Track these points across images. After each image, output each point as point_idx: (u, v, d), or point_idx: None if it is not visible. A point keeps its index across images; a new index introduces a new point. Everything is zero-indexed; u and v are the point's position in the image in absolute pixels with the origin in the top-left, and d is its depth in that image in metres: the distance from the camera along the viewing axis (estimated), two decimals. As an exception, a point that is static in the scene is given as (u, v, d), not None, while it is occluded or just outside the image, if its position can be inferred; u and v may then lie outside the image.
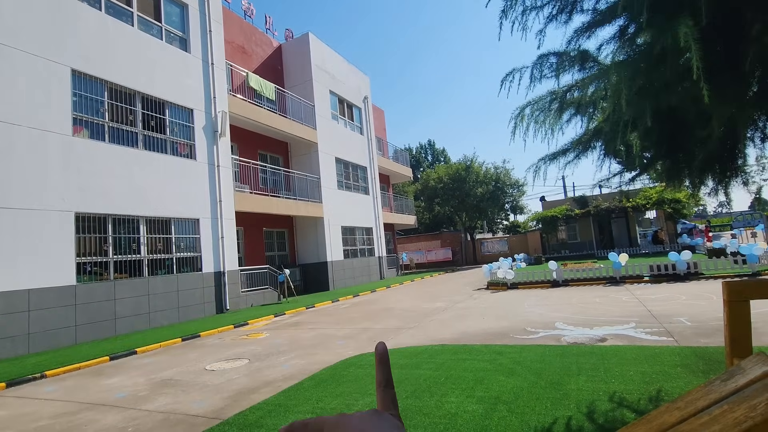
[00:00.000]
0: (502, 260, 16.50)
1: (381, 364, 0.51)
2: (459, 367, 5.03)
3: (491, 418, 3.44)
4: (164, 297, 11.11)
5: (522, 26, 3.13)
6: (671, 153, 3.57)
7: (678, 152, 3.55)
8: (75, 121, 9.73)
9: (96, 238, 9.87)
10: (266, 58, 18.70)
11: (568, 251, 28.60)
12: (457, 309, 10.14)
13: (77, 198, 9.46)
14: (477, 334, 6.96)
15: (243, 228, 15.67)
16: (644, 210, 26.54)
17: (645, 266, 12.69)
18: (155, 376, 6.05)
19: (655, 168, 3.86)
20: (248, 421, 3.90)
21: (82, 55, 9.94)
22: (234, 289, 13.28)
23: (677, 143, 3.33)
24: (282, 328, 9.61)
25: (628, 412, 3.32)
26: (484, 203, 31.37)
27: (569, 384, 4.07)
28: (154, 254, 11.12)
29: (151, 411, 4.53)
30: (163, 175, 11.48)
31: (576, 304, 9.34)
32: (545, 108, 3.58)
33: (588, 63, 3.27)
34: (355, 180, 21.85)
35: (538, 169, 3.71)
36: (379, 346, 0.51)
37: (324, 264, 18.14)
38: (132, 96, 11.10)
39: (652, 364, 4.48)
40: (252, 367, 6.11)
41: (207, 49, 13.52)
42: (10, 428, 4.39)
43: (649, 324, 6.59)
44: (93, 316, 9.47)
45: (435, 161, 50.04)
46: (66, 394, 5.53)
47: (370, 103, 24.26)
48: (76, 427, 4.23)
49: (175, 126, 12.23)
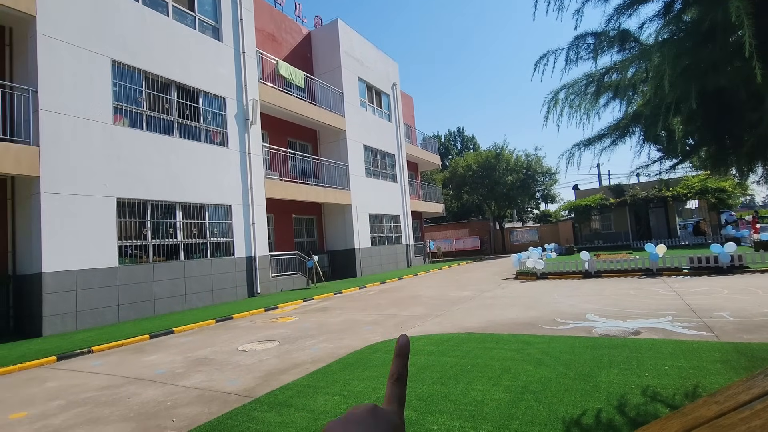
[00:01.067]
0: (532, 250, 16.17)
1: (399, 356, 0.50)
2: (485, 355, 5.00)
3: (518, 407, 3.42)
4: (199, 280, 11.56)
5: (558, 5, 3.00)
6: (717, 138, 3.37)
7: (725, 137, 3.35)
8: (115, 110, 10.14)
9: (136, 222, 10.33)
10: (296, 46, 18.80)
11: (601, 242, 27.69)
12: (485, 298, 10.06)
13: (118, 184, 9.91)
14: (504, 324, 6.89)
15: (273, 214, 16.01)
16: (685, 199, 25.27)
17: (684, 258, 12.14)
18: (191, 355, 6.34)
19: (699, 155, 3.66)
20: (278, 400, 4.04)
21: (121, 46, 10.29)
22: (264, 273, 13.65)
23: (724, 127, 3.13)
24: (310, 312, 9.82)
25: (662, 406, 3.22)
26: (514, 191, 30.72)
27: (600, 376, 3.98)
28: (189, 239, 11.56)
29: (187, 387, 4.76)
30: (197, 162, 11.84)
31: (609, 295, 9.07)
32: (581, 92, 3.45)
33: (628, 43, 3.11)
34: (383, 167, 21.83)
35: (572, 156, 3.59)
36: (402, 339, 0.50)
37: (352, 251, 18.34)
38: (168, 85, 11.44)
39: (689, 359, 4.32)
40: (282, 349, 6.30)
41: (238, 37, 13.72)
42: (61, 398, 4.72)
43: (687, 318, 6.33)
44: (134, 296, 9.98)
45: (464, 149, 49.27)
46: (110, 369, 5.88)
47: (398, 90, 24.04)
48: (120, 400, 4.50)
49: (209, 114, 12.55)
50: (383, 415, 0.45)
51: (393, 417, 0.46)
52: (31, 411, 4.35)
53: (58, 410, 4.31)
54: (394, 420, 0.45)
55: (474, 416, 3.30)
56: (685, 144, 3.70)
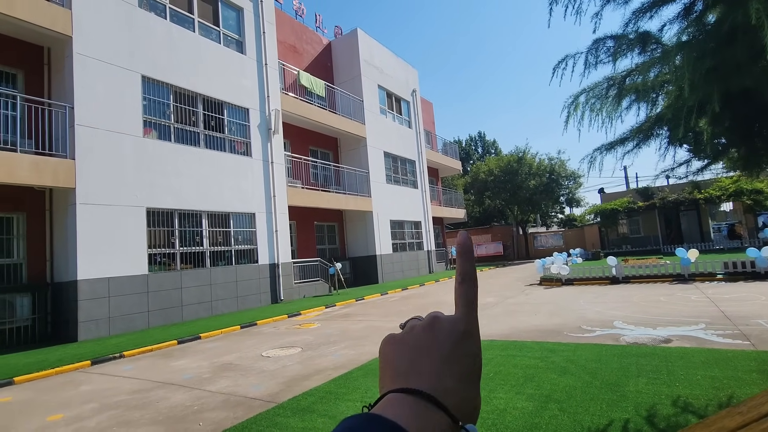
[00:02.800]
0: (556, 255, 15.83)
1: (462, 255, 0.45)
2: (508, 363, 4.94)
3: (541, 416, 3.36)
4: (224, 287, 11.82)
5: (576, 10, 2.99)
6: (747, 139, 3.26)
7: (755, 138, 3.24)
8: (145, 123, 10.55)
9: (164, 231, 10.68)
10: (316, 56, 19.14)
11: (629, 246, 26.87)
12: (508, 304, 9.91)
13: (148, 194, 10.28)
14: (528, 331, 6.78)
15: (295, 222, 16.25)
16: (719, 202, 24.28)
17: (718, 263, 11.65)
18: (217, 360, 6.48)
19: (729, 156, 3.55)
20: (301, 405, 4.09)
21: (150, 62, 10.73)
22: (287, 280, 13.84)
23: (753, 128, 3.03)
24: (333, 319, 9.90)
25: (694, 417, 3.10)
26: (538, 196, 30.21)
27: (627, 385, 3.87)
28: (215, 246, 11.86)
29: (213, 392, 4.88)
30: (222, 171, 12.18)
31: (637, 302, 8.79)
32: (602, 95, 3.40)
33: (649, 45, 3.06)
34: (404, 174, 21.86)
35: (593, 160, 3.54)
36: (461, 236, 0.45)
37: (373, 257, 18.39)
38: (194, 98, 11.84)
39: (723, 368, 4.15)
40: (304, 355, 6.37)
41: (261, 50, 14.09)
42: (95, 401, 4.91)
43: (721, 325, 6.08)
44: (162, 302, 10.29)
45: (485, 153, 48.83)
46: (140, 373, 6.08)
47: (418, 96, 24.10)
48: (150, 403, 4.65)
49: (233, 125, 12.90)
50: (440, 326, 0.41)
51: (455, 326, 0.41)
52: (68, 413, 4.54)
53: (92, 413, 4.49)
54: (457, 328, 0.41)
55: (496, 425, 3.27)
56: (715, 145, 3.59)
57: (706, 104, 2.61)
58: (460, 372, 0.39)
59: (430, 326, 0.42)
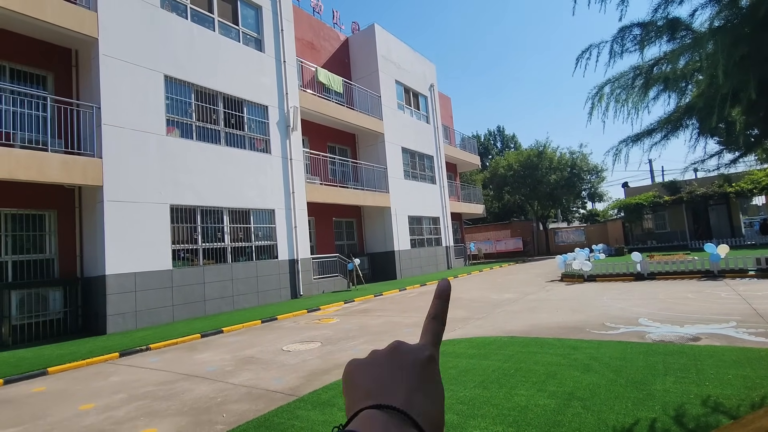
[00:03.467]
0: (578, 251, 15.52)
1: (438, 298, 0.48)
2: (529, 360, 4.87)
3: (564, 413, 3.31)
4: (245, 282, 12.03)
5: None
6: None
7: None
8: (168, 122, 10.78)
9: (187, 227, 10.93)
10: (334, 52, 19.17)
11: (655, 242, 26.13)
12: (528, 301, 9.78)
13: (171, 191, 10.52)
14: (549, 327, 6.67)
15: (314, 218, 16.38)
16: (750, 195, 23.32)
17: (750, 259, 11.21)
18: (239, 354, 6.61)
19: (764, 147, 3.39)
20: (321, 399, 4.13)
21: (172, 62, 10.95)
22: (307, 276, 13.99)
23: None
24: (351, 314, 9.96)
25: (725, 418, 2.99)
26: (558, 191, 29.63)
27: (654, 384, 3.77)
28: (236, 242, 12.07)
29: (236, 384, 4.97)
30: (242, 168, 12.36)
31: (663, 299, 8.55)
32: (628, 85, 3.30)
33: (679, 32, 2.94)
34: (422, 169, 21.76)
35: (619, 152, 3.44)
36: (442, 282, 0.48)
37: (391, 253, 18.40)
38: (214, 96, 12.03)
39: (756, 368, 3.99)
40: (324, 349, 6.43)
41: (279, 47, 14.20)
42: (123, 392, 5.08)
43: (753, 323, 5.85)
44: (186, 297, 10.55)
45: (504, 148, 48.14)
46: (166, 365, 6.25)
47: (436, 91, 23.91)
48: (175, 395, 4.78)
49: (252, 123, 13.06)
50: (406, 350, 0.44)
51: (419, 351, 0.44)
52: (98, 403, 4.71)
53: (121, 403, 4.64)
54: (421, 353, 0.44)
55: (518, 422, 3.23)
56: (747, 136, 3.44)
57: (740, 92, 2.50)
58: (427, 392, 0.41)
59: (395, 351, 0.44)
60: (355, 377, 0.44)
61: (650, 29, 2.86)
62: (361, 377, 0.43)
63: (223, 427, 3.69)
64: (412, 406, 0.39)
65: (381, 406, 0.38)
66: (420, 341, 0.46)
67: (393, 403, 0.39)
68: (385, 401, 0.39)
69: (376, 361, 0.44)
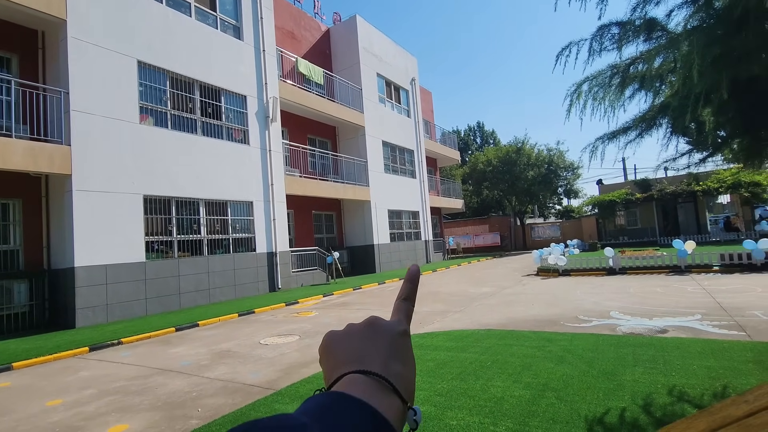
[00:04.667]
0: (554, 246, 15.88)
1: (408, 281, 0.52)
2: (506, 352, 4.96)
3: (539, 404, 3.38)
4: (222, 275, 11.82)
5: (581, -6, 2.93)
6: (751, 129, 3.24)
7: (759, 129, 3.21)
8: (141, 109, 10.42)
9: (161, 219, 10.63)
10: (315, 43, 18.90)
11: (626, 238, 26.98)
12: (505, 295, 9.95)
13: (145, 181, 10.21)
14: (525, 321, 6.81)
15: (293, 210, 16.21)
16: (716, 194, 24.34)
17: (715, 255, 11.72)
18: (215, 347, 6.50)
19: (731, 147, 3.52)
20: (299, 393, 4.11)
21: (146, 47, 10.56)
22: (285, 269, 13.85)
23: (759, 118, 3.00)
24: (330, 307, 9.93)
25: (690, 407, 3.13)
26: (536, 187, 30.19)
27: (624, 375, 3.90)
28: (212, 234, 11.82)
29: (212, 378, 4.89)
30: (219, 159, 12.08)
31: (634, 293, 8.85)
32: (605, 83, 3.36)
33: (655, 32, 3.01)
34: (402, 163, 21.78)
35: (595, 149, 3.51)
36: (413, 267, 0.53)
37: (371, 247, 18.41)
38: (191, 84, 11.69)
39: (719, 358, 4.18)
40: (302, 343, 6.39)
41: (259, 36, 13.89)
42: (93, 387, 4.92)
43: (717, 316, 6.12)
44: (160, 290, 10.29)
45: (484, 143, 48.66)
46: (139, 360, 6.10)
47: (417, 86, 23.90)
48: (149, 389, 4.67)
49: (230, 112, 12.77)
50: (382, 324, 0.47)
51: (394, 324, 0.47)
52: (66, 398, 4.55)
53: (91, 398, 4.50)
54: (395, 327, 0.47)
55: (494, 413, 3.29)
56: (716, 136, 3.57)
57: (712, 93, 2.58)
58: (402, 361, 0.44)
59: (372, 324, 0.47)
60: (333, 347, 0.46)
61: (628, 28, 2.92)
62: (339, 347, 0.45)
63: (198, 422, 3.63)
64: (389, 372, 0.42)
65: (361, 371, 0.41)
66: (392, 318, 0.49)
67: (372, 369, 0.41)
68: (364, 368, 0.41)
69: (354, 333, 0.46)
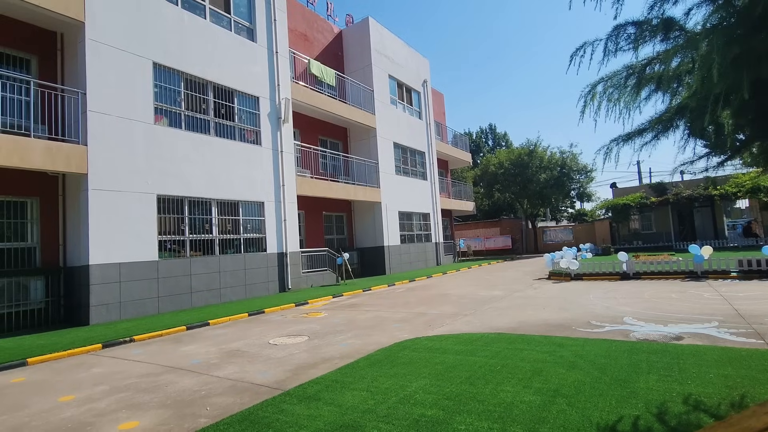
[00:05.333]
0: (566, 249, 15.67)
1: None
2: (516, 356, 4.90)
3: (549, 410, 3.32)
4: (233, 274, 11.91)
5: (596, -6, 2.89)
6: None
7: (780, 131, 3.11)
8: (156, 110, 10.58)
9: (174, 218, 10.77)
10: (327, 45, 18.99)
11: (641, 242, 26.51)
12: (516, 298, 9.85)
13: (159, 181, 10.35)
14: (536, 325, 6.72)
15: (304, 211, 16.28)
16: (735, 199, 23.78)
17: (733, 260, 11.43)
18: (225, 347, 6.54)
19: (751, 150, 3.43)
20: (307, 393, 4.10)
21: (162, 49, 10.72)
22: (295, 269, 13.91)
23: (780, 120, 2.91)
24: (340, 308, 9.93)
25: (706, 416, 3.04)
26: (548, 190, 29.83)
27: (638, 382, 3.81)
28: (224, 234, 11.93)
29: (221, 377, 4.92)
30: (231, 160, 12.20)
31: (648, 298, 8.67)
32: (620, 84, 3.30)
33: (673, 32, 2.94)
34: (413, 165, 21.75)
35: (610, 151, 3.45)
36: None
37: (381, 248, 18.39)
38: (205, 86, 11.83)
39: (736, 367, 4.06)
40: (311, 343, 6.40)
41: (272, 38, 14.01)
42: (105, 383, 4.99)
43: (735, 324, 5.96)
44: (172, 289, 10.41)
45: (496, 146, 48.32)
46: (150, 357, 6.16)
47: (429, 87, 23.86)
48: (159, 387, 4.71)
49: (243, 113, 12.89)
50: None
51: None
52: (78, 395, 4.61)
53: (103, 395, 4.56)
54: None
55: (503, 418, 3.24)
56: (735, 139, 3.48)
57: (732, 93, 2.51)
58: None
59: None
60: None
61: (645, 28, 2.86)
62: None
63: (207, 421, 3.65)
64: None
65: None
66: None
67: None
68: None
69: None
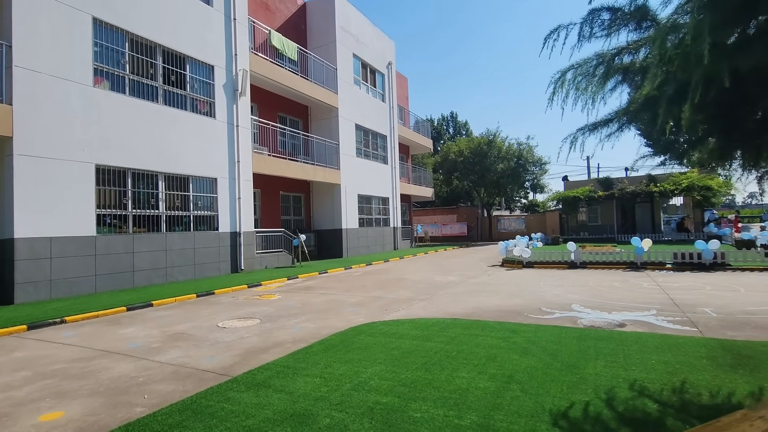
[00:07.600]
0: (519, 238, 16.19)
1: None
2: (471, 342, 4.92)
3: (503, 396, 3.33)
4: (181, 253, 11.27)
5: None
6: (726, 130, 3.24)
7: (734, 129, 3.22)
8: (96, 71, 9.62)
9: (115, 191, 9.95)
10: (290, 16, 18.12)
11: (587, 233, 28.00)
12: (471, 284, 10.02)
13: (98, 150, 9.48)
14: (490, 311, 6.84)
15: (260, 190, 15.66)
16: (671, 196, 25.57)
17: (668, 253, 12.26)
18: (168, 329, 6.14)
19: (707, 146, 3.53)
20: (256, 380, 3.89)
21: (104, 3, 9.70)
22: (249, 250, 13.41)
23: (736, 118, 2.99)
24: (294, 291, 9.67)
25: (650, 402, 3.16)
26: (504, 180, 30.66)
27: (586, 368, 3.92)
28: (172, 210, 11.21)
29: (162, 363, 4.58)
30: (182, 131, 11.40)
31: (593, 287, 9.10)
32: (589, 73, 3.27)
33: (645, 22, 2.92)
34: (374, 148, 21.50)
35: (575, 140, 3.43)
36: None
37: (339, 231, 18.15)
38: (153, 49, 10.89)
39: (675, 353, 4.29)
40: (263, 327, 6.15)
41: (230, 3, 13.10)
42: (28, 369, 4.51)
43: (671, 312, 6.35)
44: (112, 267, 9.68)
45: (456, 134, 48.92)
46: (83, 340, 5.66)
47: (393, 70, 23.53)
48: (90, 373, 4.31)
49: (196, 82, 12.04)
50: None
51: None
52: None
53: (24, 382, 4.10)
54: None
55: (458, 405, 3.20)
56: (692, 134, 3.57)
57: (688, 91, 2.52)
58: None
59: None
60: None
61: (619, 15, 2.81)
62: None
63: (143, 410, 3.35)
64: None
65: None
66: None
67: None
68: None
69: None
